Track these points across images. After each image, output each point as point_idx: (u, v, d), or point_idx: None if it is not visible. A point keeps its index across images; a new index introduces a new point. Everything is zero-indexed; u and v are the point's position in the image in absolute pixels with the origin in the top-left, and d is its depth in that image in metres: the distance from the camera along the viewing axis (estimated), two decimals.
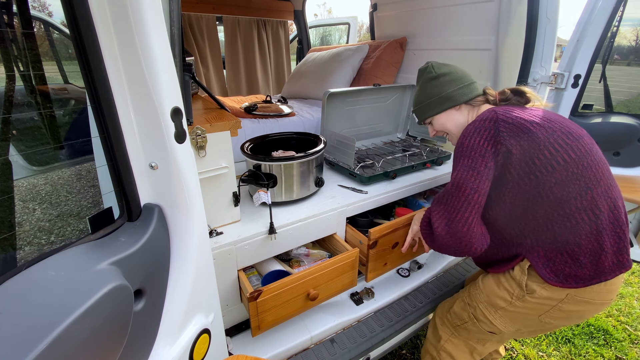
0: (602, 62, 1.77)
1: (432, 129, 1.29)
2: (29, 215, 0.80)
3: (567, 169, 0.92)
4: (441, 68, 1.21)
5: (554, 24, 1.55)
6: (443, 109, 1.20)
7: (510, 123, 0.97)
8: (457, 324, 1.26)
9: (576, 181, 0.92)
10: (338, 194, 1.46)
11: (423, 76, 1.25)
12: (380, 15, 2.74)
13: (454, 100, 1.18)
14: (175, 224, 0.71)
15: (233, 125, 1.09)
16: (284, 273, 1.24)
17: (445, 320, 1.32)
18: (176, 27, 0.67)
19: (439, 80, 1.19)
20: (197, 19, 2.96)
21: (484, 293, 1.16)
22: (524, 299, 1.04)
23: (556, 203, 0.93)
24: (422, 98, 1.25)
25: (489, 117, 1.01)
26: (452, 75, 1.19)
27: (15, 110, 0.65)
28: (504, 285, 1.09)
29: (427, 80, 1.22)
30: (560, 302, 0.99)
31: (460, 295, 1.30)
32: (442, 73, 1.19)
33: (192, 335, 0.75)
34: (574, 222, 0.93)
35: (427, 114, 1.25)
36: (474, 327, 1.21)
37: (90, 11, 0.54)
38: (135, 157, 0.64)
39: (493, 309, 1.13)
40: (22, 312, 0.46)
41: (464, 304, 1.24)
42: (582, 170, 0.93)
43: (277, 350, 1.22)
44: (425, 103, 1.24)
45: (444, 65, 1.22)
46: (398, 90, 2.00)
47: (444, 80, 1.19)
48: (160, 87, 0.60)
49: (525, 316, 1.08)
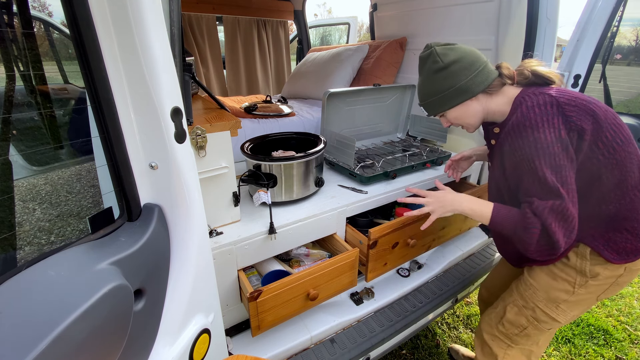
0: (602, 62, 1.77)
1: (445, 121, 1.14)
2: (29, 215, 0.80)
3: (624, 148, 0.90)
4: (448, 54, 1.02)
5: (554, 24, 1.55)
6: (457, 103, 1.05)
7: (574, 105, 0.89)
8: (515, 333, 1.16)
9: (631, 160, 0.91)
10: (338, 194, 1.46)
11: (427, 65, 1.07)
12: (380, 15, 2.74)
13: (469, 92, 1.02)
14: (175, 224, 0.71)
15: (233, 125, 1.09)
16: (284, 273, 1.24)
17: (497, 333, 1.21)
18: (176, 27, 0.67)
19: (449, 71, 1.02)
20: (197, 19, 2.96)
21: (541, 290, 1.07)
22: (587, 284, 1.00)
23: (615, 184, 0.92)
24: (430, 92, 1.07)
25: (547, 101, 0.90)
26: (462, 62, 1.01)
27: (15, 110, 0.65)
28: (561, 276, 1.03)
29: (434, 72, 1.04)
30: (619, 277, 0.99)
31: (508, 301, 1.18)
32: (451, 61, 1.01)
33: (192, 335, 0.75)
34: (628, 200, 0.92)
35: (438, 109, 1.09)
36: (535, 331, 1.12)
37: (90, 11, 0.54)
38: (135, 157, 0.64)
39: (554, 305, 1.06)
40: (22, 312, 0.46)
41: (519, 309, 1.13)
42: (633, 149, 0.92)
43: (277, 350, 1.22)
44: (435, 98, 1.07)
45: (449, 49, 1.03)
46: (398, 90, 1.99)
47: (455, 70, 1.01)
48: (160, 87, 0.60)
49: (585, 301, 1.04)
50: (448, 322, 2.06)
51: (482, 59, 1.04)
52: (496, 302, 1.24)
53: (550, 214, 0.89)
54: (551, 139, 0.87)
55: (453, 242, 1.90)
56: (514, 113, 0.96)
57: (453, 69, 1.02)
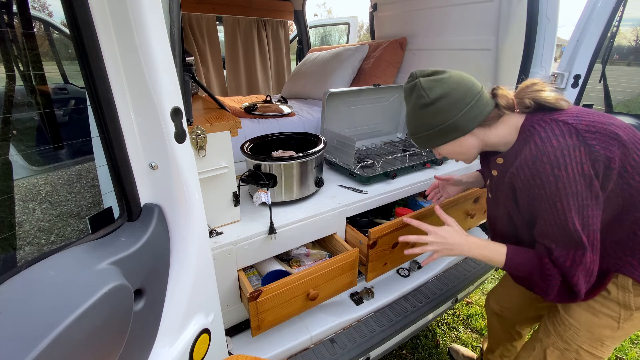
0: (602, 62, 1.76)
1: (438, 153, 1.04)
2: (29, 215, 0.80)
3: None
4: (434, 88, 0.89)
5: (554, 24, 1.56)
6: (448, 140, 0.95)
7: (595, 132, 0.79)
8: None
9: None
10: (338, 194, 1.46)
11: (412, 99, 0.95)
12: (380, 15, 2.74)
13: (461, 130, 0.91)
14: (175, 224, 0.71)
15: (233, 125, 1.09)
16: (284, 273, 1.24)
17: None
18: (176, 27, 0.67)
19: (436, 107, 0.90)
20: (197, 19, 2.96)
21: (583, 330, 0.97)
22: (632, 317, 0.92)
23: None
24: (418, 127, 0.96)
25: (564, 130, 0.80)
26: (451, 96, 0.88)
27: (15, 110, 0.65)
28: (604, 312, 0.93)
29: (420, 107, 0.92)
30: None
31: (546, 343, 1.07)
32: (438, 96, 0.89)
33: (192, 335, 0.75)
34: None
35: (428, 145, 0.99)
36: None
37: (90, 11, 0.54)
38: (135, 157, 0.64)
39: (599, 343, 0.97)
40: (22, 312, 0.46)
41: (560, 352, 1.03)
42: None
43: (277, 350, 1.22)
44: (423, 134, 0.96)
45: (436, 81, 0.90)
46: (398, 90, 2.00)
47: (443, 106, 0.89)
48: (160, 87, 0.60)
49: (629, 333, 0.96)
50: (448, 322, 2.06)
51: (474, 89, 0.90)
52: (531, 342, 1.13)
53: (573, 266, 0.83)
54: (574, 177, 0.77)
55: None
56: (525, 145, 0.85)
57: (441, 105, 0.89)
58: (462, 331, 1.99)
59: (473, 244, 0.99)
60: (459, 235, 1.01)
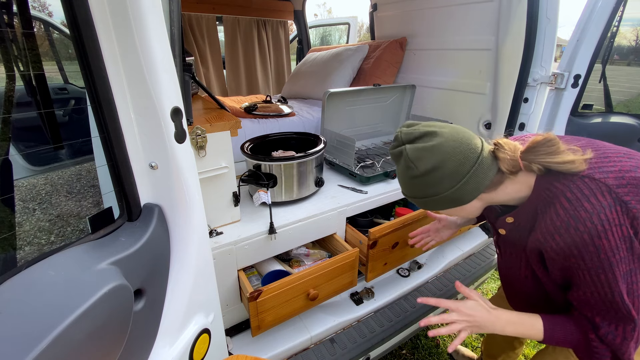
0: (602, 62, 1.77)
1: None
2: (29, 215, 0.80)
3: None
4: (423, 159, 0.76)
5: (554, 24, 1.55)
6: (446, 208, 0.85)
7: (626, 185, 0.70)
8: None
9: None
10: (338, 194, 1.46)
11: (400, 166, 0.83)
12: (380, 15, 2.74)
13: (459, 202, 0.81)
14: (175, 224, 0.71)
15: (233, 125, 1.09)
16: (284, 273, 1.24)
17: None
18: (176, 27, 0.67)
19: (427, 180, 0.78)
20: (197, 19, 2.96)
21: None
22: None
23: None
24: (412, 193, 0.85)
25: (593, 188, 0.70)
26: (443, 169, 0.76)
27: (15, 110, 0.65)
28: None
29: (410, 178, 0.81)
30: None
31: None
32: (428, 169, 0.77)
33: (192, 335, 0.75)
34: None
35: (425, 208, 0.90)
36: None
37: (90, 11, 0.54)
38: (135, 157, 0.64)
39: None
40: (22, 312, 0.46)
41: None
42: None
43: (277, 350, 1.22)
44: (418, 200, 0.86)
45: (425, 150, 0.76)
46: (398, 90, 2.00)
47: (435, 179, 0.78)
48: (160, 87, 0.60)
49: None
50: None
51: (472, 155, 0.76)
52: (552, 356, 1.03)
53: (624, 343, 0.75)
54: (616, 244, 0.68)
55: (453, 242, 1.90)
56: (547, 207, 0.75)
57: (433, 179, 0.78)
58: None
59: (504, 320, 0.87)
60: (486, 311, 0.88)
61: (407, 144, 0.80)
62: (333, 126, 1.80)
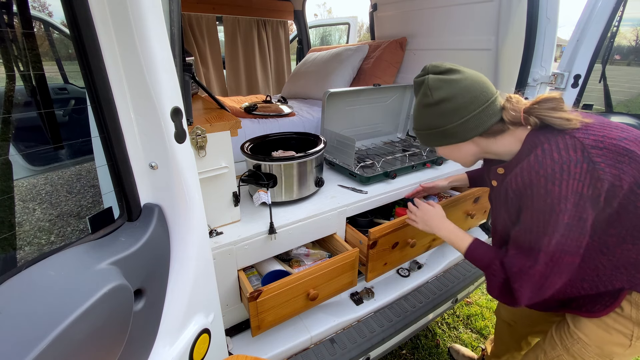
0: (602, 62, 1.77)
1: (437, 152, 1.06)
2: (29, 215, 0.80)
3: None
4: (441, 88, 0.87)
5: (554, 24, 1.55)
6: (445, 143, 0.95)
7: (602, 148, 0.74)
8: None
9: None
10: (338, 194, 1.46)
11: (419, 95, 0.94)
12: (380, 15, 2.74)
13: (457, 138, 0.90)
14: (175, 224, 0.71)
15: (233, 125, 1.09)
16: (284, 273, 1.24)
17: None
18: (176, 27, 0.67)
19: (438, 109, 0.88)
20: (197, 19, 2.96)
21: (592, 344, 0.94)
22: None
23: None
24: (419, 124, 0.96)
25: (569, 144, 0.76)
26: (455, 101, 0.85)
27: (15, 110, 0.65)
28: (616, 328, 0.90)
29: (423, 106, 0.91)
30: None
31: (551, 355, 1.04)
32: (441, 99, 0.86)
33: (192, 335, 0.75)
34: None
35: (427, 143, 1.00)
36: None
37: (90, 11, 0.54)
38: (135, 157, 0.64)
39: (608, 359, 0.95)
40: (22, 312, 0.46)
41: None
42: None
43: (277, 350, 1.22)
44: (423, 132, 0.96)
45: (445, 81, 0.87)
46: (398, 90, 2.00)
47: (444, 110, 0.87)
48: (160, 87, 0.60)
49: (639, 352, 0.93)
50: (448, 322, 2.06)
51: (482, 97, 0.86)
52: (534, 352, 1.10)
53: (517, 275, 0.83)
54: (566, 194, 0.73)
55: None
56: (526, 156, 0.82)
57: (442, 109, 0.87)
58: (462, 331, 1.99)
59: (445, 227, 1.07)
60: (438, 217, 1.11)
61: (431, 74, 0.90)
62: (333, 126, 1.80)
